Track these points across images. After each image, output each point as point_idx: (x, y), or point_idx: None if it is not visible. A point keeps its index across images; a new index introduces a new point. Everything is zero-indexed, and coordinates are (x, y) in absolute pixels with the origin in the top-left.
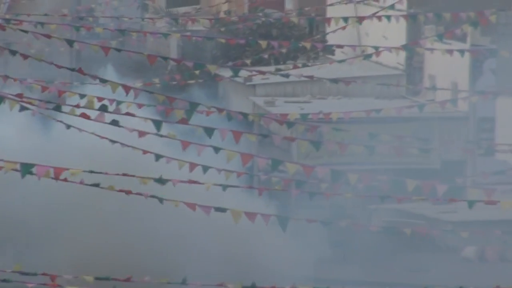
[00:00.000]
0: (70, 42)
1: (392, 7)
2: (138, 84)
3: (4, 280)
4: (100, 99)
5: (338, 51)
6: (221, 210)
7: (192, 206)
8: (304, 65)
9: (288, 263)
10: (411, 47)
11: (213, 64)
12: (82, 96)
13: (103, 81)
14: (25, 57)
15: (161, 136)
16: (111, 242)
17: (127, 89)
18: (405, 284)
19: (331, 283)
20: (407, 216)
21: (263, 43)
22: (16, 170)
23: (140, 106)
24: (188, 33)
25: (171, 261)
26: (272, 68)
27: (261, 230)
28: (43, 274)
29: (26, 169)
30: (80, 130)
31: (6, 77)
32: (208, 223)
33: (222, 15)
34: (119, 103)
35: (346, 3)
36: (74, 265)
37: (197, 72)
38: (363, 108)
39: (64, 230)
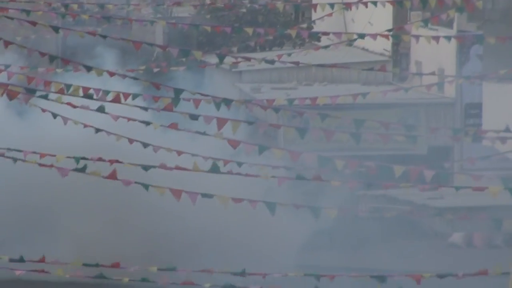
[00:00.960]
0: (55, 29)
1: None
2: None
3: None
4: (85, 89)
5: (324, 38)
6: (208, 196)
7: (178, 192)
8: (290, 52)
9: (276, 250)
10: (397, 34)
11: (198, 51)
12: (68, 86)
13: (88, 68)
14: (7, 44)
15: (147, 124)
16: (103, 228)
17: (111, 74)
18: (393, 270)
19: (318, 270)
20: (395, 202)
21: (249, 30)
22: (3, 156)
23: (126, 96)
24: (173, 21)
25: (163, 246)
26: (258, 54)
27: (249, 217)
28: (30, 261)
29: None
30: (65, 120)
31: None
32: (198, 210)
33: (207, 1)
34: (105, 92)
35: None
36: (63, 252)
37: (184, 59)
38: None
39: (53, 218)
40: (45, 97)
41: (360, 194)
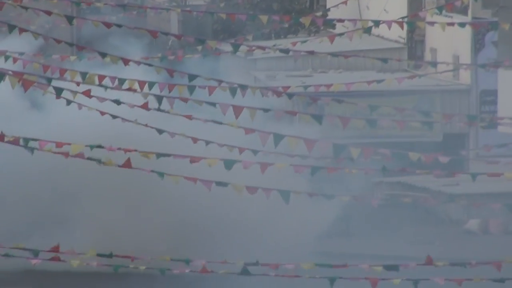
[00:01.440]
0: (69, 19)
1: None
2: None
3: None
4: (101, 77)
5: (339, 25)
6: (222, 184)
7: (193, 180)
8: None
9: (292, 237)
10: (412, 21)
11: (214, 39)
12: (83, 74)
13: (102, 55)
14: (22, 31)
15: (163, 111)
16: (119, 217)
17: (126, 62)
18: (409, 256)
19: (334, 257)
20: (410, 189)
21: (264, 18)
22: (18, 144)
23: (141, 84)
24: (188, 8)
25: (179, 237)
26: (273, 42)
27: (265, 204)
28: (44, 251)
29: (28, 143)
30: (80, 106)
31: (4, 52)
32: (210, 198)
33: None
34: (121, 81)
35: None
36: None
37: (199, 48)
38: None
39: (69, 206)
40: (60, 91)
41: (376, 181)
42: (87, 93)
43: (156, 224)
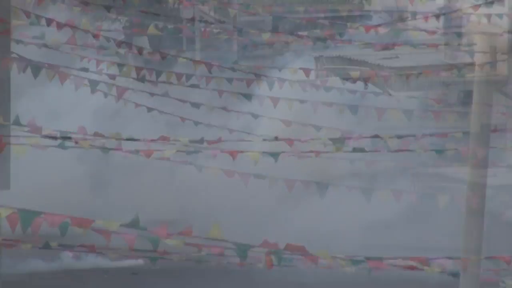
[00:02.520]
0: (108, 8)
1: None
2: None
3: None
4: (138, 69)
5: (375, 17)
6: (260, 177)
7: (230, 173)
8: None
9: (335, 230)
10: (449, 12)
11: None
12: (120, 66)
13: (139, 50)
14: (60, 27)
15: (201, 104)
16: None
17: (163, 55)
18: (446, 248)
19: (375, 249)
20: (448, 181)
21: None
22: (54, 138)
23: (179, 77)
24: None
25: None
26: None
27: (306, 196)
28: (80, 245)
29: (64, 138)
30: (119, 96)
31: (45, 45)
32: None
33: None
34: (158, 73)
35: None
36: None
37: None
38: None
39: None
40: (96, 84)
41: (413, 172)
42: (123, 91)
43: (189, 216)
